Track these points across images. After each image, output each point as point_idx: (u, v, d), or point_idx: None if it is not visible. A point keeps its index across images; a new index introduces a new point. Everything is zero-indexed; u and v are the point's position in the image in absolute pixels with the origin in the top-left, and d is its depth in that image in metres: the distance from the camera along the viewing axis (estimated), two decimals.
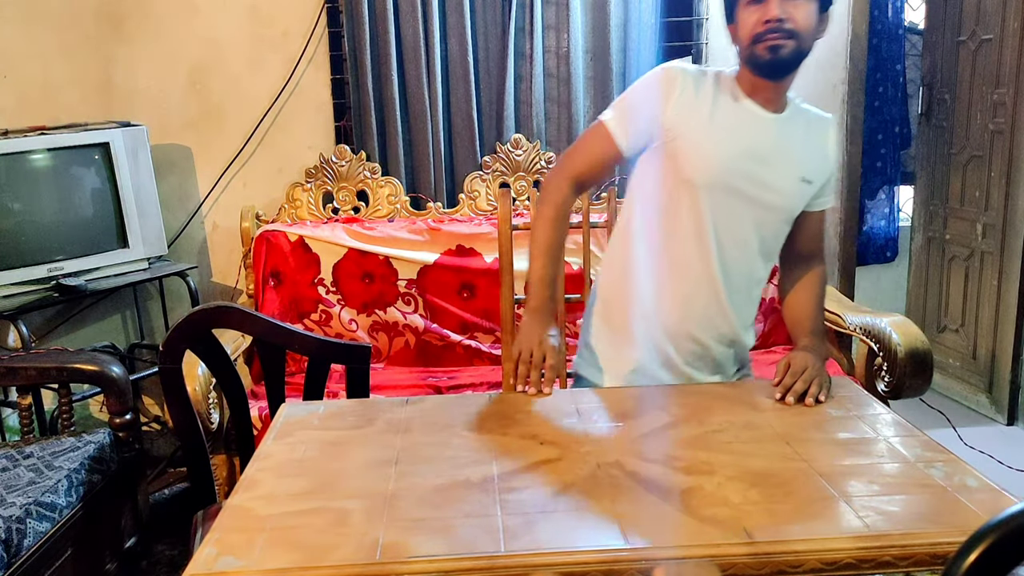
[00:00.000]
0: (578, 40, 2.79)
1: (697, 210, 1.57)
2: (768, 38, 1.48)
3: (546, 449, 1.27)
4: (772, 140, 1.57)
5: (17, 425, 2.35)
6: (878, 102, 3.33)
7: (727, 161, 1.55)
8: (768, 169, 1.57)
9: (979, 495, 1.09)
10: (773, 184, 1.57)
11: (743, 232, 1.59)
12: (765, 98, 1.57)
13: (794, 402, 1.43)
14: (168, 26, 2.84)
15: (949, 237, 3.32)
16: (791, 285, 1.72)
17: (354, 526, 1.05)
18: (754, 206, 1.58)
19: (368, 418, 1.42)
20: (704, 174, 1.55)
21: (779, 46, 1.48)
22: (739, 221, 1.58)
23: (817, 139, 1.64)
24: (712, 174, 1.55)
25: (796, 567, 0.98)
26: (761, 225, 1.60)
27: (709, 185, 1.55)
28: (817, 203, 1.66)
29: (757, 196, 1.57)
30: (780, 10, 1.46)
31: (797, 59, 1.52)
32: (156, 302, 2.98)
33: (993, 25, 3.00)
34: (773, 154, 1.57)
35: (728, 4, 1.56)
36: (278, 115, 2.90)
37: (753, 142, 1.56)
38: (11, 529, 1.57)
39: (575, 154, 1.66)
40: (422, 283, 2.71)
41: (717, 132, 1.55)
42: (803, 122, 1.62)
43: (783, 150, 1.58)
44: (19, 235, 2.50)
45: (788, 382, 1.46)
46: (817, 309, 1.68)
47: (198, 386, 1.98)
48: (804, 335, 1.62)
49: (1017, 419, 3.04)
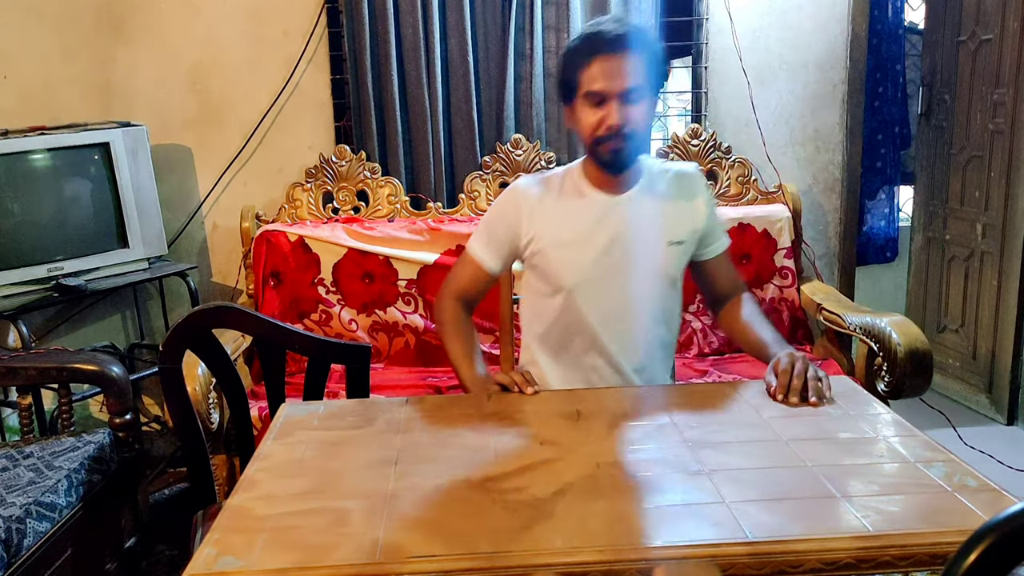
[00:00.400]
0: None
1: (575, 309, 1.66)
2: (610, 142, 1.57)
3: (546, 449, 1.27)
4: (627, 221, 1.66)
5: (17, 425, 2.35)
6: (878, 102, 3.33)
7: (589, 261, 1.64)
8: (630, 249, 1.65)
9: (979, 495, 1.09)
10: (639, 260, 1.66)
11: (625, 312, 1.67)
12: (611, 187, 1.66)
13: (798, 402, 1.40)
14: (168, 26, 2.84)
15: (949, 237, 3.32)
16: (728, 322, 1.77)
17: (354, 526, 1.05)
18: (626, 287, 1.66)
19: (368, 418, 1.42)
20: (571, 279, 1.65)
21: (619, 149, 1.58)
22: (617, 304, 1.67)
23: (682, 196, 1.71)
24: (578, 276, 1.65)
25: (796, 567, 0.98)
26: (643, 299, 1.68)
27: (578, 285, 1.65)
28: (708, 251, 1.74)
29: (627, 279, 1.66)
30: (619, 117, 1.55)
31: (637, 153, 1.64)
32: (156, 302, 2.98)
33: (993, 25, 3.00)
34: (631, 233, 1.65)
35: (565, 88, 1.63)
36: (278, 115, 2.90)
37: (608, 232, 1.65)
38: (11, 529, 1.57)
39: (453, 278, 1.76)
40: (422, 283, 2.71)
41: (571, 236, 1.65)
42: (663, 186, 1.69)
43: (641, 225, 1.66)
44: (19, 235, 2.50)
45: (784, 380, 1.43)
46: (765, 323, 1.70)
47: (198, 386, 1.98)
48: (769, 347, 1.60)
49: (1017, 419, 3.04)
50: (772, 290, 2.74)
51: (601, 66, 1.53)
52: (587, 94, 1.56)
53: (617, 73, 1.53)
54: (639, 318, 1.67)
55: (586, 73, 1.55)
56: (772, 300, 2.73)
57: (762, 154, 2.90)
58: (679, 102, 3.54)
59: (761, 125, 2.91)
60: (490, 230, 1.72)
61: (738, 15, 2.87)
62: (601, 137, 1.57)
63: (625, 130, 1.55)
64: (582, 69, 1.55)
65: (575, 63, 1.57)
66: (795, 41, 2.91)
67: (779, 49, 2.91)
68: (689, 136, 2.83)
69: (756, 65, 2.91)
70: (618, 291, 1.66)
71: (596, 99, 1.55)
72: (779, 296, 2.73)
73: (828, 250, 3.05)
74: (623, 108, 1.55)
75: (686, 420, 1.36)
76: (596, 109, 1.56)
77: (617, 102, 1.54)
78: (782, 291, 2.73)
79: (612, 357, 1.68)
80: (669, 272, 1.68)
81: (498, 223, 1.71)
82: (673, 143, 2.83)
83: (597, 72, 1.54)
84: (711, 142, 2.83)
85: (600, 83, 1.54)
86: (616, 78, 1.53)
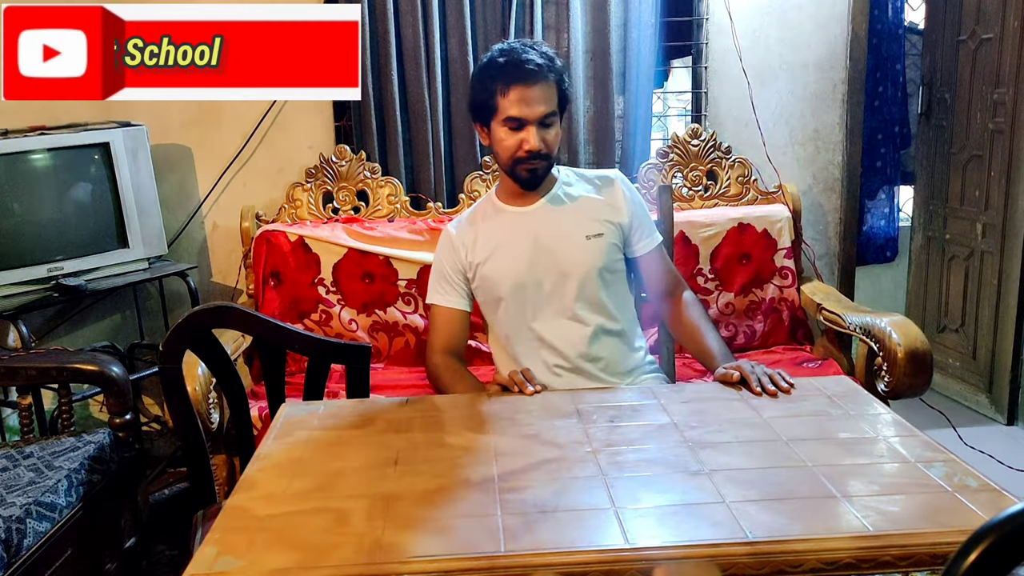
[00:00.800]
0: (578, 40, 2.79)
1: (515, 314, 1.79)
2: (528, 163, 1.72)
3: (546, 449, 1.27)
4: (543, 225, 1.79)
5: (17, 425, 2.35)
6: (878, 102, 3.33)
7: (515, 267, 1.77)
8: (550, 249, 1.77)
9: (979, 495, 1.09)
10: (561, 258, 1.77)
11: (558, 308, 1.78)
12: (524, 201, 1.82)
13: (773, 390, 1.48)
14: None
15: (949, 237, 3.32)
16: (672, 324, 1.89)
17: (354, 526, 1.05)
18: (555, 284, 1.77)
19: (368, 418, 1.42)
20: (503, 287, 1.78)
21: (536, 169, 1.74)
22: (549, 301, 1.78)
23: (599, 193, 1.84)
24: (509, 283, 1.78)
25: (796, 567, 0.98)
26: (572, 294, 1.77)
27: (511, 292, 1.78)
28: (639, 247, 1.84)
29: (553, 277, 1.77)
30: (538, 141, 1.70)
31: (550, 169, 1.79)
32: (156, 302, 2.98)
33: (993, 25, 3.00)
34: (547, 235, 1.78)
35: (481, 110, 1.75)
36: (278, 115, 2.90)
37: (528, 238, 1.78)
38: (11, 529, 1.57)
39: (430, 340, 1.86)
40: (422, 283, 2.70)
41: (495, 250, 1.79)
42: (578, 190, 1.84)
43: (555, 226, 1.79)
44: (19, 235, 2.50)
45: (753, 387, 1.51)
46: (709, 329, 1.80)
47: (198, 386, 1.98)
48: (716, 358, 1.71)
49: (1017, 419, 3.04)
50: (772, 290, 2.74)
51: (520, 94, 1.67)
52: (507, 119, 1.69)
53: (535, 100, 1.67)
54: (574, 311, 1.78)
55: (504, 99, 1.68)
56: (772, 300, 2.73)
57: (762, 154, 2.90)
58: (679, 102, 3.54)
59: (761, 125, 2.91)
60: (440, 276, 1.85)
61: (738, 15, 2.87)
62: (520, 159, 1.72)
63: (543, 152, 1.71)
64: (501, 95, 1.68)
65: (493, 88, 1.70)
66: (795, 41, 2.91)
67: (779, 49, 2.91)
68: (689, 136, 2.83)
69: (756, 65, 2.91)
70: (549, 289, 1.78)
71: (515, 124, 1.69)
72: (779, 296, 2.73)
73: (828, 250, 3.05)
74: (540, 132, 1.69)
75: (686, 420, 1.36)
76: (515, 132, 1.70)
77: (535, 127, 1.69)
78: (782, 291, 2.73)
79: (562, 351, 1.78)
80: (595, 264, 1.78)
81: (444, 265, 1.85)
82: (673, 143, 2.83)
83: (515, 98, 1.67)
84: (711, 142, 2.83)
85: (518, 109, 1.68)
86: (534, 105, 1.68)
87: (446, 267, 1.84)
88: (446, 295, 1.84)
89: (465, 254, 1.83)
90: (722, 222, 2.71)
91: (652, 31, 2.82)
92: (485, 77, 1.72)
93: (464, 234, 1.84)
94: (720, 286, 2.72)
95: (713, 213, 2.75)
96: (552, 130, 1.72)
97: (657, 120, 3.62)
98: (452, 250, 1.84)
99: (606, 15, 2.77)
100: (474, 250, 1.82)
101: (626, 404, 1.47)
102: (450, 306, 1.83)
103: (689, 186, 2.83)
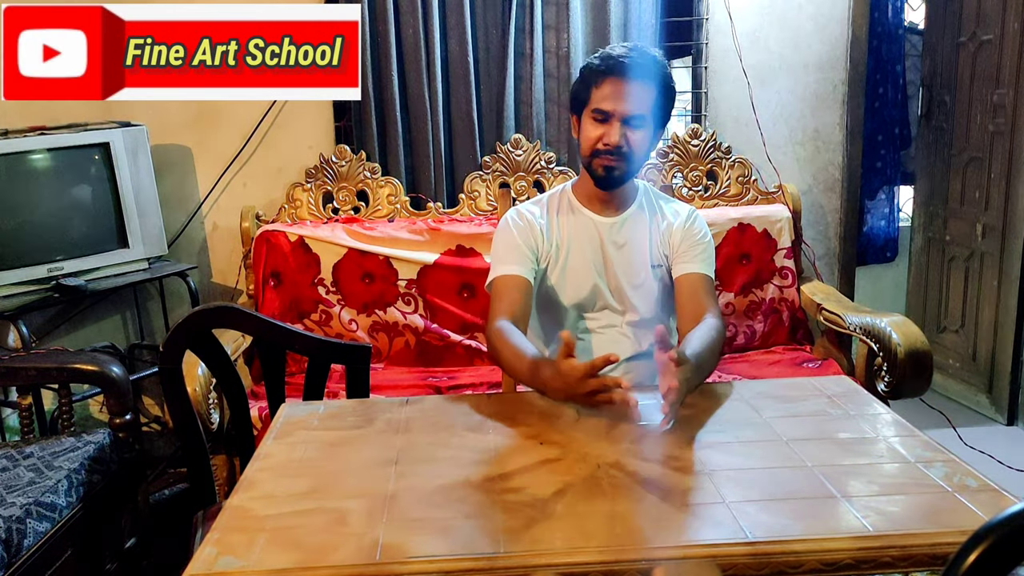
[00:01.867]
0: (578, 40, 2.79)
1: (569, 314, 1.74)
2: (605, 158, 1.65)
3: (546, 449, 1.27)
4: (612, 245, 1.73)
5: (17, 425, 2.35)
6: (878, 103, 3.33)
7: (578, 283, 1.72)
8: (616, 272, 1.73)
9: (979, 495, 1.09)
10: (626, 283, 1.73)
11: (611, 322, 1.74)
12: (601, 206, 1.75)
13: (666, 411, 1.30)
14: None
15: (949, 238, 3.32)
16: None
17: (354, 526, 1.05)
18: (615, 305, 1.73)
19: (368, 418, 1.42)
20: (564, 293, 1.73)
21: (613, 167, 1.66)
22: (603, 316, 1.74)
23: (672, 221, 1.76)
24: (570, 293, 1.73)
25: (796, 567, 0.98)
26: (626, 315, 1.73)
27: (571, 300, 1.73)
28: (678, 268, 1.74)
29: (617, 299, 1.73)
30: (620, 137, 1.63)
31: (629, 176, 1.71)
32: (156, 302, 2.98)
33: (993, 26, 3.00)
34: (617, 257, 1.73)
35: (576, 100, 1.70)
36: (278, 115, 2.90)
37: (596, 256, 1.73)
38: (11, 529, 1.57)
39: (494, 306, 1.65)
40: (422, 283, 2.71)
41: (565, 253, 1.73)
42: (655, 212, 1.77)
43: (626, 250, 1.73)
44: (19, 235, 2.50)
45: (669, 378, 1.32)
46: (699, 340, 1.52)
47: (198, 386, 1.98)
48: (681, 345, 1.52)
49: (1017, 419, 3.04)
50: (772, 290, 2.74)
51: (612, 87, 1.62)
52: (594, 110, 1.64)
53: (625, 96, 1.61)
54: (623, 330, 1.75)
55: (597, 91, 1.63)
56: (772, 300, 2.73)
57: (762, 154, 2.90)
58: (679, 102, 3.54)
59: (761, 125, 2.91)
60: (510, 247, 1.70)
61: (738, 15, 2.87)
62: (598, 151, 1.65)
63: (622, 150, 1.63)
64: (594, 86, 1.64)
65: (589, 79, 1.65)
66: (795, 41, 2.91)
67: (779, 49, 2.91)
68: (689, 136, 2.83)
69: (756, 65, 2.91)
70: (605, 305, 1.74)
71: (601, 116, 1.63)
72: (779, 296, 2.73)
73: (828, 250, 3.05)
74: (624, 130, 1.63)
75: (687, 420, 1.36)
76: (600, 125, 1.64)
77: (620, 123, 1.62)
78: (782, 291, 2.73)
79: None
80: (656, 296, 1.75)
81: (515, 238, 1.71)
82: (673, 143, 2.83)
83: (607, 91, 1.62)
84: (711, 142, 2.83)
85: (608, 103, 1.62)
86: (623, 101, 1.61)
87: (518, 240, 1.70)
88: (516, 265, 1.68)
89: (541, 234, 1.72)
90: (722, 222, 2.71)
91: (652, 31, 2.82)
92: (586, 68, 1.67)
93: (539, 217, 1.75)
94: (720, 286, 2.72)
95: (713, 213, 2.75)
96: (640, 132, 1.64)
97: None
98: (529, 227, 1.72)
99: (606, 15, 2.77)
100: (547, 238, 1.73)
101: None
102: (519, 274, 1.67)
103: (689, 186, 2.83)
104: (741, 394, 1.49)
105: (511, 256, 1.70)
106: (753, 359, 2.65)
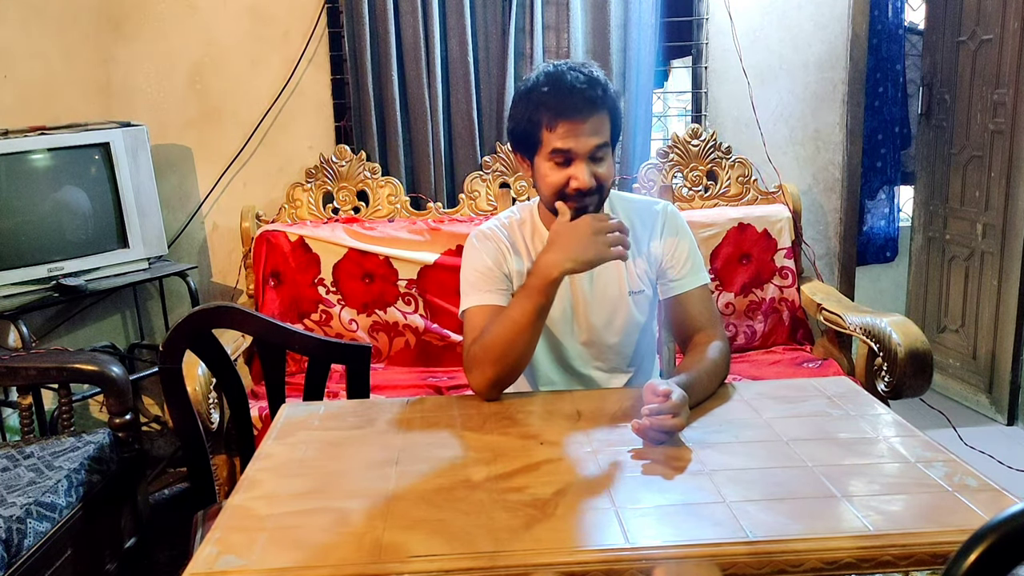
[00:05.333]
0: (578, 40, 2.79)
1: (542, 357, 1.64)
2: (577, 200, 1.48)
3: (546, 449, 1.27)
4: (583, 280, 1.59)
5: (17, 425, 2.35)
6: (878, 102, 3.33)
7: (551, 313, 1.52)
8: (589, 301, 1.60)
9: (979, 495, 1.09)
10: (602, 315, 1.61)
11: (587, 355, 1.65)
12: None
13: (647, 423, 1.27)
14: (168, 26, 2.84)
15: (949, 237, 3.32)
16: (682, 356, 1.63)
17: (354, 526, 1.05)
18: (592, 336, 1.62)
19: (368, 418, 1.42)
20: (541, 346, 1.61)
21: (587, 205, 1.49)
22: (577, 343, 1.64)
23: (644, 231, 1.62)
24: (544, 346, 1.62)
25: (796, 567, 0.98)
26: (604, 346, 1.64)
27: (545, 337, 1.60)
28: (668, 288, 1.61)
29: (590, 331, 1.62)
30: (589, 176, 1.46)
31: (601, 206, 1.53)
32: (156, 302, 2.98)
33: (993, 25, 3.00)
34: (589, 287, 1.60)
35: (523, 141, 1.51)
36: (278, 115, 2.90)
37: (565, 285, 1.55)
38: (11, 529, 1.57)
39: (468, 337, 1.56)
40: (422, 283, 2.71)
41: None
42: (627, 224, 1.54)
43: (599, 277, 1.59)
44: (19, 235, 2.50)
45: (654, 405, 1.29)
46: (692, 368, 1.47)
47: (198, 386, 1.98)
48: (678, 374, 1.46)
49: (1017, 419, 3.04)
50: (772, 290, 2.74)
51: (569, 126, 1.44)
52: (553, 152, 1.47)
53: (586, 132, 1.45)
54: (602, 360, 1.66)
55: (551, 133, 1.46)
56: (772, 300, 2.73)
57: (762, 154, 2.90)
58: (679, 102, 3.54)
59: (761, 125, 2.91)
60: (482, 275, 1.59)
61: (738, 15, 2.87)
62: (568, 195, 1.48)
63: (594, 188, 1.47)
64: (548, 128, 1.46)
65: (537, 119, 1.47)
66: (795, 41, 2.91)
67: (779, 49, 2.91)
68: (689, 136, 2.83)
69: (756, 65, 2.91)
70: (581, 337, 1.64)
71: (562, 158, 1.47)
72: (779, 296, 2.73)
73: (828, 250, 3.05)
74: (592, 167, 1.47)
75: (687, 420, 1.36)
76: (562, 168, 1.48)
77: (585, 162, 1.46)
78: (782, 291, 2.73)
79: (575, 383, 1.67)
80: (636, 324, 1.64)
81: (487, 263, 1.59)
82: (673, 143, 2.84)
83: (563, 131, 1.45)
84: (711, 142, 2.83)
85: (568, 142, 1.45)
86: (585, 137, 1.45)
87: (490, 264, 1.59)
88: (490, 294, 1.57)
89: (508, 263, 1.61)
90: (722, 222, 2.71)
91: (652, 31, 2.82)
92: (529, 107, 1.48)
93: (507, 242, 1.62)
94: (720, 286, 2.72)
95: (713, 213, 2.75)
96: (607, 161, 1.48)
97: (657, 120, 3.62)
98: (498, 251, 1.60)
99: (606, 15, 2.77)
100: (514, 262, 1.61)
101: (626, 404, 1.47)
102: (495, 303, 1.55)
103: (689, 186, 2.83)
104: (741, 394, 1.49)
105: (484, 283, 1.58)
106: (753, 359, 2.65)
